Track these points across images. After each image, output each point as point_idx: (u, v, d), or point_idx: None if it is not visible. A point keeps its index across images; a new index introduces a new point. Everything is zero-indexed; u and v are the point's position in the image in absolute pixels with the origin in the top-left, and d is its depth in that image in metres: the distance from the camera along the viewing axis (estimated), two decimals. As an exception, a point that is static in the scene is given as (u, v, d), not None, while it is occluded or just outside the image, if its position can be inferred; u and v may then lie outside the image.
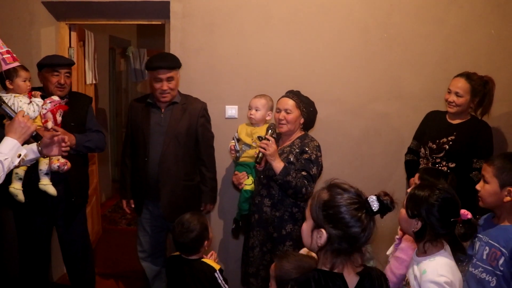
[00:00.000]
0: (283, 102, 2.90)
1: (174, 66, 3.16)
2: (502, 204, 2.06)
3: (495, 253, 2.02)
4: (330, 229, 1.51)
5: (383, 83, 3.59)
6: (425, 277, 1.80)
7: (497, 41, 3.53)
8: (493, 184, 2.06)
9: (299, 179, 2.73)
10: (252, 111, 3.13)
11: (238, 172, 3.16)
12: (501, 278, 1.99)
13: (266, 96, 3.17)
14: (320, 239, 1.53)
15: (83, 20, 3.86)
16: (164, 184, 3.17)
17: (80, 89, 4.15)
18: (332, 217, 1.52)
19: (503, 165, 2.05)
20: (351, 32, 3.54)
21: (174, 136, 3.16)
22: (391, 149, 3.63)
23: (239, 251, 3.23)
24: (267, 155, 2.75)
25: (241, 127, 3.23)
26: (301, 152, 2.83)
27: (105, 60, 5.94)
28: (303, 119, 2.92)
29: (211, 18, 3.53)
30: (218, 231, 3.74)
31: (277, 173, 2.74)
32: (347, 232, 1.50)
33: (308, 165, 2.79)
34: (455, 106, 3.05)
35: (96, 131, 3.28)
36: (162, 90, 3.13)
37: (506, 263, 1.98)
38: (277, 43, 3.54)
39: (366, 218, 1.51)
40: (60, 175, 3.05)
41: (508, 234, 2.02)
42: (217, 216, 3.74)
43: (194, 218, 2.47)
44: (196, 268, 2.45)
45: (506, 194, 2.03)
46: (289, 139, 2.95)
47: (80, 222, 3.33)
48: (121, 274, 4.17)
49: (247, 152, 3.12)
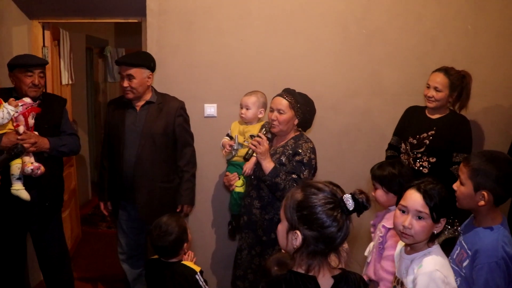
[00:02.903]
0: (277, 102, 2.81)
1: (134, 63, 3.07)
2: (476, 207, 1.93)
3: (462, 254, 1.95)
4: (305, 230, 1.47)
5: (362, 79, 3.59)
6: (421, 271, 1.74)
7: (474, 36, 3.56)
8: (468, 186, 1.92)
9: (288, 182, 2.64)
10: (242, 110, 3.06)
11: (230, 172, 3.08)
12: (464, 280, 1.93)
13: (257, 93, 3.09)
14: (296, 241, 1.48)
15: (56, 19, 3.77)
16: (140, 186, 3.11)
17: (56, 89, 4.06)
18: (307, 218, 1.47)
19: (478, 167, 1.91)
20: (330, 28, 3.53)
21: (150, 136, 3.10)
22: (371, 145, 3.62)
23: (232, 253, 3.17)
24: (257, 153, 2.70)
25: (234, 125, 3.15)
26: (294, 153, 2.74)
27: (82, 60, 5.83)
28: (297, 120, 2.83)
29: (189, 15, 3.47)
30: (204, 233, 3.67)
31: (266, 174, 2.68)
32: (323, 233, 1.46)
33: (299, 168, 2.69)
34: (434, 101, 3.07)
35: (71, 134, 3.20)
36: (123, 87, 3.08)
37: (469, 266, 1.90)
38: (256, 40, 3.51)
39: (341, 217, 1.47)
40: (34, 180, 2.96)
41: (475, 237, 1.93)
42: (201, 217, 3.67)
43: (172, 221, 2.41)
44: (177, 272, 2.40)
45: (480, 198, 1.90)
46: (283, 139, 2.87)
47: (55, 226, 3.24)
48: (101, 278, 4.09)
49: (239, 151, 3.03)
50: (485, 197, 1.89)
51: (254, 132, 2.91)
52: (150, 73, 3.15)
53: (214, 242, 3.71)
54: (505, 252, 1.84)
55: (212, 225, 3.69)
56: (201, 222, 3.66)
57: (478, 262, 1.85)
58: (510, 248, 1.87)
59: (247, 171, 2.88)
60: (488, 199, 1.89)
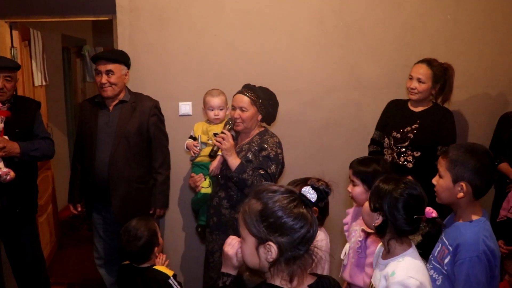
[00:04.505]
0: (238, 99, 2.77)
1: (114, 58, 3.03)
2: (456, 200, 1.89)
3: (444, 251, 1.90)
4: (277, 238, 1.36)
5: (341, 72, 3.53)
6: (393, 279, 1.67)
7: (454, 27, 3.51)
8: (446, 178, 1.89)
9: (256, 178, 2.62)
10: (215, 111, 2.97)
11: (195, 174, 3.01)
12: (446, 277, 1.88)
13: (219, 91, 3.03)
14: (271, 254, 1.37)
15: (24, 18, 3.63)
16: (115, 187, 3.03)
17: (28, 91, 3.93)
18: (275, 225, 1.37)
19: (456, 158, 1.87)
20: (306, 21, 3.46)
21: (123, 136, 3.03)
22: (352, 140, 3.56)
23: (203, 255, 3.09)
24: (222, 149, 2.65)
25: (197, 125, 3.09)
26: (260, 149, 2.72)
27: (58, 60, 5.73)
28: (260, 115, 2.80)
29: (160, 11, 3.38)
30: (180, 235, 3.60)
31: (233, 170, 2.64)
32: (297, 234, 1.36)
33: (266, 162, 2.67)
34: (417, 93, 3.04)
35: (44, 138, 3.11)
36: (101, 84, 3.01)
37: (450, 262, 1.86)
38: (230, 36, 3.42)
39: (308, 212, 1.39)
40: (3, 186, 2.86)
41: (456, 232, 1.88)
42: (178, 220, 3.60)
43: (141, 224, 2.35)
44: (149, 277, 2.34)
45: (459, 190, 1.86)
46: (247, 136, 2.84)
47: (28, 233, 3.15)
48: (80, 283, 4.03)
49: (203, 151, 2.97)
50: (464, 189, 1.85)
51: (218, 130, 2.85)
52: (127, 70, 3.12)
53: (188, 244, 3.64)
54: (486, 246, 1.81)
55: (186, 226, 3.62)
56: (175, 224, 3.59)
57: (459, 257, 1.82)
58: (491, 241, 1.84)
59: (214, 170, 2.82)
60: (467, 190, 1.85)
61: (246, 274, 1.74)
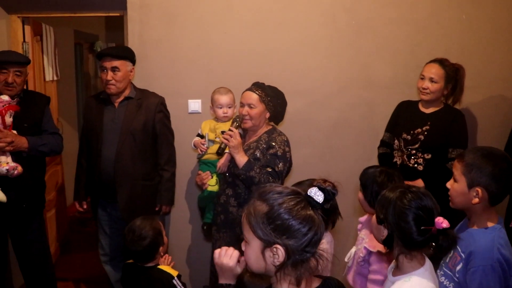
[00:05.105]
0: (246, 97, 2.77)
1: (120, 55, 3.02)
2: (470, 206, 1.81)
3: (456, 258, 1.83)
4: (285, 240, 1.32)
5: (351, 71, 3.48)
6: None
7: (469, 27, 3.45)
8: (461, 183, 1.81)
9: (263, 175, 2.60)
10: (224, 109, 2.97)
11: (202, 171, 3.00)
12: (457, 285, 1.81)
13: (227, 89, 3.02)
14: (278, 257, 1.33)
15: (36, 13, 3.66)
16: (121, 184, 3.03)
17: (39, 86, 3.96)
18: (282, 227, 1.33)
19: (472, 162, 1.79)
20: (318, 19, 3.41)
21: (129, 133, 3.02)
22: (362, 140, 3.53)
23: (208, 252, 3.10)
24: (230, 146, 2.64)
25: (205, 123, 3.08)
26: (268, 147, 2.70)
27: (70, 55, 5.75)
28: (268, 113, 2.79)
29: (171, 8, 3.36)
30: (185, 232, 3.59)
31: (240, 168, 2.62)
32: (305, 236, 1.32)
33: (273, 160, 2.66)
34: (429, 93, 2.98)
35: (53, 133, 3.12)
36: (106, 80, 3.00)
37: (463, 269, 1.79)
38: (240, 33, 3.40)
39: (316, 213, 1.35)
40: (11, 180, 2.86)
41: (469, 239, 1.80)
42: (185, 217, 3.59)
43: (146, 224, 2.31)
44: (153, 277, 2.32)
45: (474, 195, 1.78)
46: (255, 134, 2.83)
47: (35, 228, 3.15)
48: (86, 279, 4.03)
49: (211, 149, 2.96)
50: (479, 194, 1.78)
51: (225, 128, 2.83)
52: (132, 67, 3.11)
53: (193, 241, 3.63)
54: (501, 255, 1.74)
55: (192, 224, 3.60)
56: (181, 221, 3.58)
57: (472, 265, 1.75)
58: (506, 250, 1.76)
59: (222, 168, 2.82)
60: (483, 196, 1.78)
61: (247, 275, 1.71)
